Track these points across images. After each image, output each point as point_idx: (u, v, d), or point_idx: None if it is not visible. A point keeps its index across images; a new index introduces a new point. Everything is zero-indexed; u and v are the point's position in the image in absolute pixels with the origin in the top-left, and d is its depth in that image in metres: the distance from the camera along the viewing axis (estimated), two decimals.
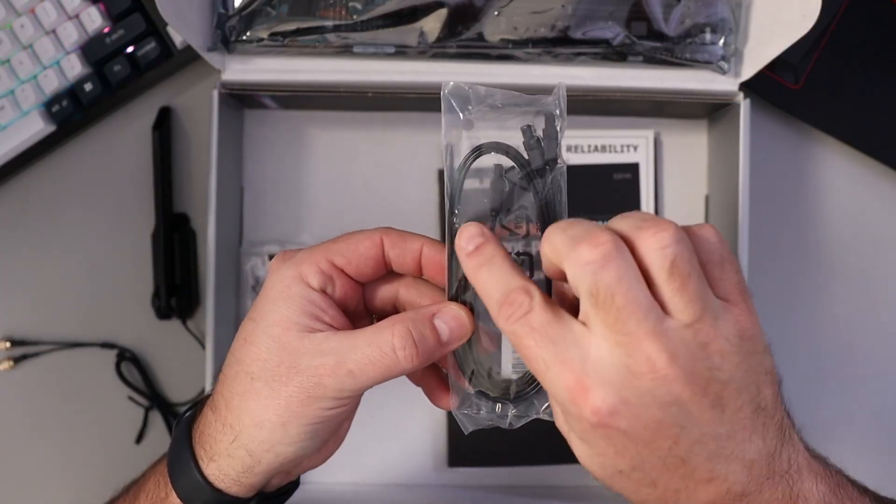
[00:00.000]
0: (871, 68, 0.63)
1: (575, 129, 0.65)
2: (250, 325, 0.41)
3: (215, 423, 0.41)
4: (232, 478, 0.41)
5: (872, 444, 0.65)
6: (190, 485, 0.41)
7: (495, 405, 0.42)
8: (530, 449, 0.64)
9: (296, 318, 0.40)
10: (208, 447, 0.41)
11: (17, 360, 0.64)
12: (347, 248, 0.41)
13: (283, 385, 0.40)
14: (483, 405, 0.42)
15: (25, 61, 0.62)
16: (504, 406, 0.42)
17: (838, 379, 0.65)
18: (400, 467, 0.65)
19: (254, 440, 0.40)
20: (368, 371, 0.39)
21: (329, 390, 0.40)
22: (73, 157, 0.65)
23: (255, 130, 0.65)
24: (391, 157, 0.65)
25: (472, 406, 0.43)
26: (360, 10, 0.57)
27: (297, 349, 0.40)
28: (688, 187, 0.65)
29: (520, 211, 0.41)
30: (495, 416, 0.43)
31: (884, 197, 0.66)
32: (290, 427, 0.40)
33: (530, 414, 0.42)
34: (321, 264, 0.41)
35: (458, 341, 0.41)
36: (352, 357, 0.39)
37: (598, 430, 0.34)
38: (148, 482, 0.44)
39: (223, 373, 0.42)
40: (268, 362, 0.40)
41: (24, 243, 0.65)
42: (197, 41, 0.57)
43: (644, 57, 0.58)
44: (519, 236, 0.42)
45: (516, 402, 0.42)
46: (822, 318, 0.66)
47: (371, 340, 0.40)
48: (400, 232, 0.42)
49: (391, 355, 0.40)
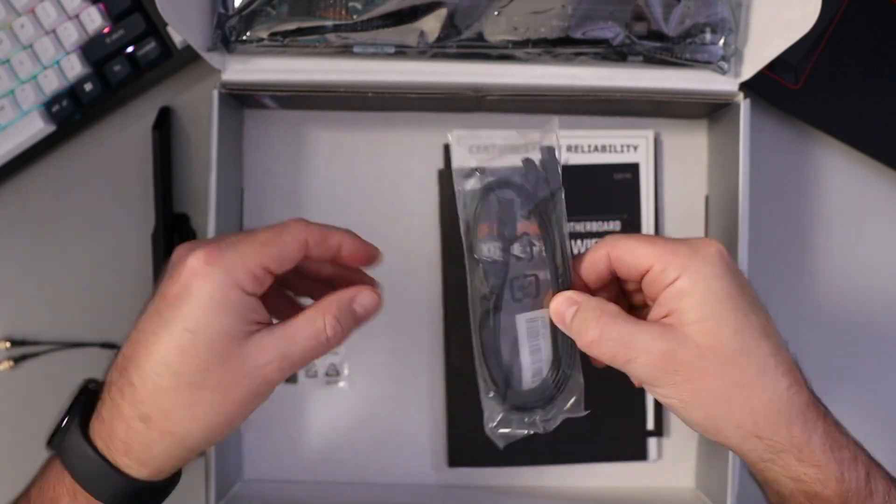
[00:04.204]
0: (871, 68, 0.63)
1: (575, 129, 0.65)
2: (187, 336, 0.42)
3: (147, 432, 0.43)
4: (153, 469, 0.44)
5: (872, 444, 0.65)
6: (114, 487, 0.43)
7: (526, 415, 0.48)
8: (530, 449, 0.64)
9: (238, 326, 0.42)
10: (135, 455, 0.43)
11: (17, 360, 0.64)
12: (279, 251, 0.44)
13: (233, 390, 0.42)
14: (515, 418, 0.47)
15: (25, 61, 0.62)
16: (533, 413, 0.48)
17: (838, 379, 0.65)
18: (399, 467, 0.65)
19: (200, 441, 0.43)
20: (307, 357, 0.44)
21: (275, 384, 0.44)
22: (73, 157, 0.65)
23: (255, 130, 0.65)
24: (391, 157, 0.65)
25: (508, 423, 0.48)
26: (360, 10, 0.57)
27: (241, 355, 0.42)
28: (688, 187, 0.65)
29: (524, 238, 0.47)
30: (525, 424, 0.48)
31: (884, 197, 0.66)
32: (237, 422, 0.44)
33: (558, 415, 0.48)
34: (256, 270, 0.43)
35: (372, 314, 0.47)
36: (293, 350, 0.44)
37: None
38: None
39: (150, 381, 0.42)
40: (212, 373, 0.42)
41: (24, 243, 0.65)
42: (197, 41, 0.57)
43: (644, 57, 0.58)
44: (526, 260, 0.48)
45: (545, 407, 0.47)
46: (822, 319, 0.66)
47: (307, 333, 0.44)
48: (321, 228, 0.46)
49: (325, 341, 0.45)
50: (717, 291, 0.43)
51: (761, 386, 0.43)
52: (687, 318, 0.43)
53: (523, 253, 0.48)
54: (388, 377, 0.65)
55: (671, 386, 0.44)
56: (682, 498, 0.63)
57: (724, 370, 0.43)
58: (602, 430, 0.64)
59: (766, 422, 0.43)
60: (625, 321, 0.45)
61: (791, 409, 0.43)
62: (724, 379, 0.43)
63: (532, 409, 0.48)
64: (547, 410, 0.48)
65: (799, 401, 0.43)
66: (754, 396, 0.43)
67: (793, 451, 0.43)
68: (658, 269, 0.44)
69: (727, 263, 0.44)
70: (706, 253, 0.44)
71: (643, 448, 0.65)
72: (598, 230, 0.64)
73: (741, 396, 0.43)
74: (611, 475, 0.65)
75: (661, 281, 0.44)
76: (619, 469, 0.65)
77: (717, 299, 0.43)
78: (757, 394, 0.43)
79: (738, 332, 0.43)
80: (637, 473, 0.65)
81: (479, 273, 0.48)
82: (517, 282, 0.48)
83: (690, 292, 0.43)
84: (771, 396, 0.43)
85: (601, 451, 0.65)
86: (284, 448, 0.64)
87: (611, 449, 0.65)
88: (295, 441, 0.64)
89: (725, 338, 0.43)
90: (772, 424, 0.43)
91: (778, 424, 0.43)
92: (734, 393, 0.43)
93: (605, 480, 0.65)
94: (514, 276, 0.48)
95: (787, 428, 0.43)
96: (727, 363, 0.43)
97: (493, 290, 0.48)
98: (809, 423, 0.43)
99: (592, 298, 0.46)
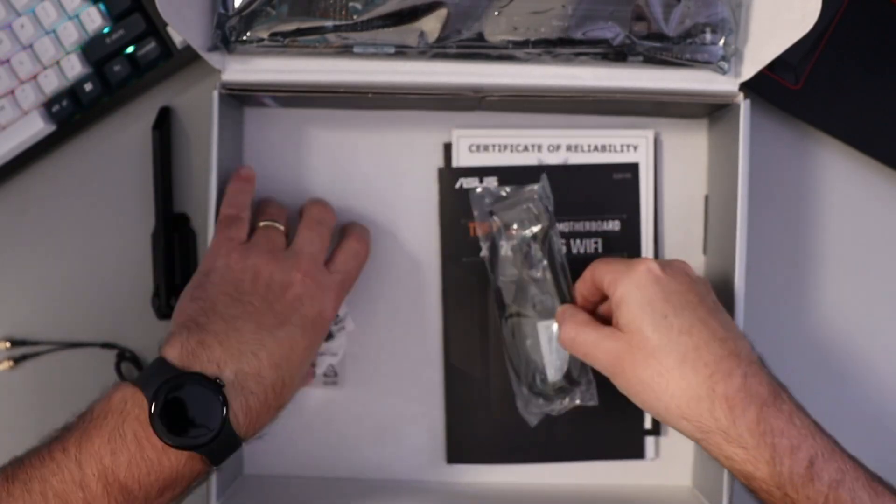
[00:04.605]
0: (871, 68, 0.63)
1: (575, 128, 0.65)
2: (315, 348, 0.56)
3: (276, 414, 0.53)
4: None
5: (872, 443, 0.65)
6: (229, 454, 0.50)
7: (547, 401, 0.61)
8: (529, 446, 0.65)
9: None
10: (255, 429, 0.51)
11: (17, 360, 0.65)
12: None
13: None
14: (542, 402, 0.61)
15: (25, 61, 0.62)
16: (552, 400, 0.61)
17: (837, 379, 0.66)
18: (398, 463, 0.65)
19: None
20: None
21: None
22: (73, 157, 0.65)
23: (256, 129, 0.65)
24: (391, 155, 0.65)
25: (536, 406, 0.62)
26: (360, 10, 0.57)
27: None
28: (687, 187, 0.65)
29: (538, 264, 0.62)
30: (549, 408, 0.62)
31: (884, 197, 0.66)
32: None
33: (573, 403, 0.61)
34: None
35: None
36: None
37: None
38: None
39: (295, 379, 0.53)
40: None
41: (24, 243, 0.65)
42: (197, 41, 0.57)
43: (644, 57, 0.58)
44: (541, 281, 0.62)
45: (562, 396, 0.61)
46: (821, 318, 0.66)
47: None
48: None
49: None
50: (639, 299, 0.53)
51: (679, 375, 0.50)
52: (622, 322, 0.53)
53: (534, 274, 0.62)
54: (388, 374, 0.65)
55: (620, 378, 0.54)
56: (679, 496, 0.64)
57: (647, 363, 0.52)
58: (600, 428, 0.64)
59: (688, 406, 0.50)
60: (590, 327, 0.56)
61: (713, 395, 0.49)
62: (648, 370, 0.52)
63: (553, 397, 0.61)
64: (566, 398, 0.61)
65: (724, 388, 0.49)
66: (673, 383, 0.51)
67: (719, 433, 0.49)
68: (609, 285, 0.55)
69: (654, 277, 0.53)
70: (636, 270, 0.54)
71: (640, 446, 0.65)
72: (598, 230, 0.65)
73: (663, 384, 0.51)
74: (608, 473, 0.65)
75: (610, 294, 0.55)
76: (617, 467, 0.65)
77: (639, 305, 0.52)
78: (675, 381, 0.51)
79: (656, 330, 0.51)
80: (634, 472, 0.65)
81: (503, 291, 0.62)
82: (536, 297, 0.62)
83: (624, 302, 0.53)
84: (690, 383, 0.50)
85: (599, 449, 0.65)
86: (285, 444, 0.65)
87: (608, 447, 0.65)
88: (295, 437, 0.65)
89: (646, 336, 0.52)
90: (694, 408, 0.50)
91: (700, 408, 0.50)
92: (657, 381, 0.51)
93: (603, 478, 0.65)
94: (533, 293, 0.62)
95: (709, 412, 0.49)
96: (649, 357, 0.51)
97: (512, 303, 0.62)
98: (737, 409, 0.49)
99: (571, 308, 0.59)
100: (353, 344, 0.65)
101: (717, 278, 0.61)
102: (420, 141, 0.65)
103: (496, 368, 0.64)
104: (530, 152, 0.65)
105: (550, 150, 0.65)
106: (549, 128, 0.65)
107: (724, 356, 0.50)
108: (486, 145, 0.65)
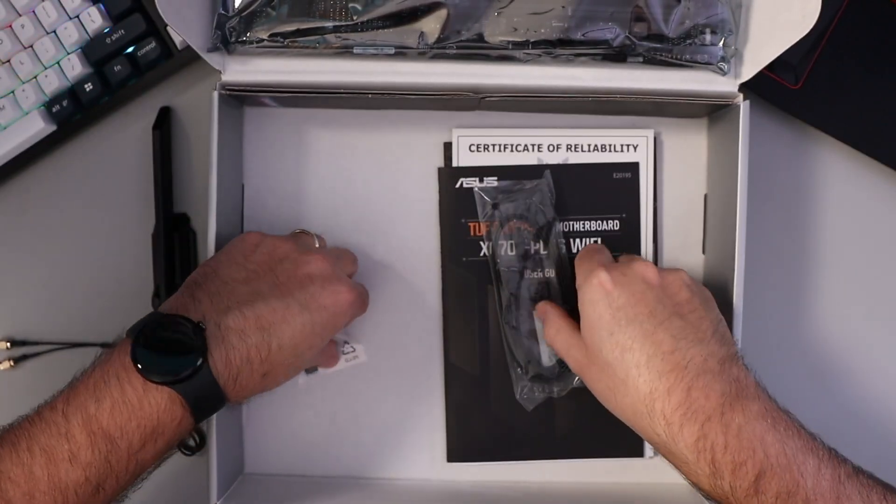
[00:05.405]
0: (871, 68, 0.63)
1: (575, 128, 0.65)
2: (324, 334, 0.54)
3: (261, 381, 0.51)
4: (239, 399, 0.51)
5: (872, 443, 0.65)
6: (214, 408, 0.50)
7: (544, 385, 0.63)
8: (529, 444, 0.65)
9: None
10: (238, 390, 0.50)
11: (17, 360, 0.65)
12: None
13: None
14: (536, 386, 0.63)
15: (25, 61, 0.62)
16: (549, 383, 0.63)
17: (837, 379, 0.66)
18: (398, 462, 0.65)
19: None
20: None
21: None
22: (73, 157, 0.65)
23: (256, 129, 0.65)
24: (391, 155, 0.65)
25: (530, 390, 0.63)
26: (360, 10, 0.57)
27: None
28: (687, 187, 0.65)
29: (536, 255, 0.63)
30: (545, 392, 0.63)
31: (884, 197, 0.66)
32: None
33: (568, 385, 0.63)
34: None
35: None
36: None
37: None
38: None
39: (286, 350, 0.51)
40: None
41: (24, 243, 0.65)
42: (197, 42, 0.57)
43: (644, 58, 0.58)
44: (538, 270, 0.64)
45: (558, 379, 0.63)
46: (821, 318, 0.66)
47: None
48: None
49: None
50: (590, 315, 0.54)
51: (623, 391, 0.52)
52: (582, 334, 0.56)
53: (535, 265, 0.63)
54: (388, 373, 0.65)
55: (587, 381, 0.56)
56: (677, 494, 0.64)
57: (600, 377, 0.54)
58: (599, 426, 0.64)
59: (634, 420, 0.52)
60: (567, 329, 0.58)
61: (653, 413, 0.50)
62: (600, 384, 0.54)
63: (549, 381, 0.63)
64: (561, 382, 0.63)
65: (662, 406, 0.50)
66: (618, 397, 0.53)
67: (662, 447, 0.51)
68: (578, 288, 0.57)
69: (605, 292, 0.54)
70: (590, 284, 0.55)
71: (640, 445, 0.65)
72: (598, 229, 0.65)
73: (613, 397, 0.53)
74: (608, 471, 0.65)
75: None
76: (616, 465, 0.65)
77: (590, 321, 0.54)
78: (620, 396, 0.53)
79: (603, 347, 0.53)
80: (634, 470, 0.65)
81: (503, 279, 0.63)
82: (532, 285, 0.63)
83: (581, 314, 0.56)
84: (632, 399, 0.52)
85: (599, 447, 0.65)
86: (285, 443, 0.65)
87: (608, 445, 0.65)
88: (296, 436, 0.65)
89: (596, 351, 0.54)
90: (638, 423, 0.52)
91: (642, 422, 0.52)
92: (609, 394, 0.54)
93: (603, 476, 0.65)
94: (530, 281, 0.63)
95: (651, 428, 0.51)
96: (602, 371, 0.54)
97: (513, 291, 0.63)
98: (674, 426, 0.50)
99: (555, 307, 0.60)
100: (354, 344, 0.65)
101: (716, 278, 0.61)
102: (420, 141, 0.65)
103: (496, 368, 0.64)
104: (530, 152, 0.65)
105: (550, 150, 0.65)
106: (549, 128, 0.65)
107: (666, 371, 0.50)
108: (486, 145, 0.65)
